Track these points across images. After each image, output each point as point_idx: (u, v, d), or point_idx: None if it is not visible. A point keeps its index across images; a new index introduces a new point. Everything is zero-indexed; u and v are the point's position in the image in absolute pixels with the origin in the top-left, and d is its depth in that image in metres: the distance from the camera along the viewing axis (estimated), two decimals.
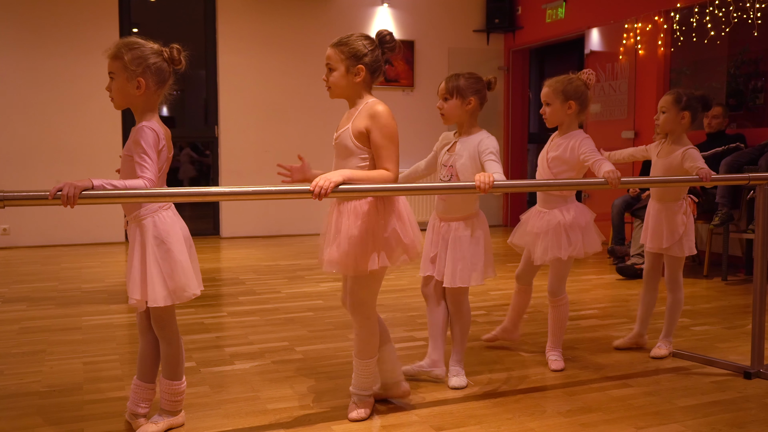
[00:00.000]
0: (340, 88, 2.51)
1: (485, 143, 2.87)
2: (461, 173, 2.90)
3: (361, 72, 2.47)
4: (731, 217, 5.32)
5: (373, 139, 2.44)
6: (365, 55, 2.47)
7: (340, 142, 2.51)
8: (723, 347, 3.56)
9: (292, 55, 7.93)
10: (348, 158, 2.49)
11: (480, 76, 2.96)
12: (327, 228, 2.56)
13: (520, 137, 9.08)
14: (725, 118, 5.73)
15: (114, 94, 2.37)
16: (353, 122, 2.48)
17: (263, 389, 2.90)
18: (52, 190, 2.03)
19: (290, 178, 2.65)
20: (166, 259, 2.34)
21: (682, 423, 2.56)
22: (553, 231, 3.11)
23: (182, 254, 2.36)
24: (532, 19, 8.40)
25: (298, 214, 7.98)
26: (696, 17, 6.22)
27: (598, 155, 3.00)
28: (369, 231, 2.43)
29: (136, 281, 2.33)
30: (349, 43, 2.48)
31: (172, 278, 2.34)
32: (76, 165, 7.10)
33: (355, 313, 2.57)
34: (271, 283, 5.25)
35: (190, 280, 2.38)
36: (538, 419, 2.59)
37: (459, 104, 2.92)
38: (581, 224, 3.12)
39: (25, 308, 4.37)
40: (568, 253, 3.10)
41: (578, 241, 3.10)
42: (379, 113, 2.44)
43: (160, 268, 2.33)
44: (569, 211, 3.12)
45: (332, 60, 2.49)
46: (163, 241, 2.34)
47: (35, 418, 2.59)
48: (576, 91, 3.10)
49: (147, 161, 2.26)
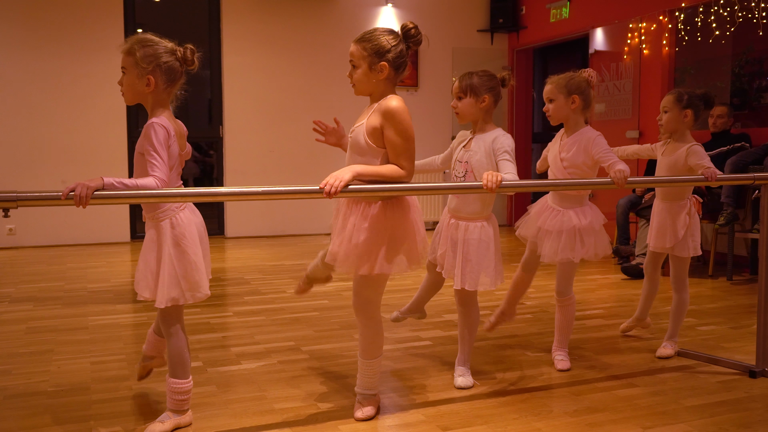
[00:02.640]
0: (363, 85, 2.47)
1: (500, 141, 2.86)
2: (476, 170, 2.89)
3: (384, 69, 2.42)
4: (736, 217, 5.32)
5: (387, 136, 2.39)
6: (388, 51, 2.42)
7: (354, 137, 2.48)
8: (728, 347, 3.56)
9: (297, 56, 7.94)
10: (359, 155, 2.46)
11: (493, 73, 2.94)
12: (335, 218, 2.55)
13: (524, 137, 9.08)
14: (730, 118, 5.72)
15: (125, 88, 2.40)
16: (368, 118, 2.44)
17: (270, 389, 2.91)
18: (65, 191, 2.05)
19: (324, 138, 2.68)
20: (181, 260, 2.35)
21: (689, 423, 2.56)
22: (567, 233, 3.09)
23: (197, 255, 2.38)
24: (536, 18, 8.40)
25: (302, 214, 7.99)
26: (701, 17, 6.21)
27: (613, 156, 2.98)
28: (377, 233, 2.42)
29: (148, 280, 2.36)
30: (372, 39, 2.42)
31: (186, 278, 2.36)
32: (82, 164, 7.12)
33: (359, 313, 2.58)
34: (276, 282, 5.26)
35: (203, 279, 2.40)
36: (545, 419, 2.59)
37: (473, 102, 2.90)
38: (595, 228, 3.11)
39: (32, 308, 4.38)
40: (581, 255, 3.09)
41: (591, 245, 3.09)
42: (393, 110, 2.38)
43: (175, 270, 2.34)
44: (585, 214, 3.11)
45: (355, 57, 2.45)
46: (179, 243, 2.35)
47: (44, 417, 2.60)
48: (579, 86, 3.09)
49: (157, 159, 2.27)
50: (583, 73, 3.12)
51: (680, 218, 3.31)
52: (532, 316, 4.13)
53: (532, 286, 5.10)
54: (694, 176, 3.18)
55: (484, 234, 2.88)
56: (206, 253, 2.48)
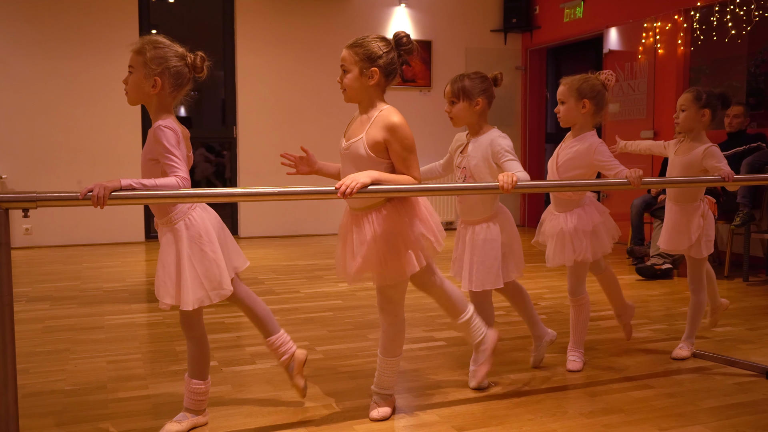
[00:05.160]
0: (354, 91, 2.47)
1: (497, 143, 2.84)
2: (475, 174, 2.88)
3: (374, 75, 2.43)
4: (752, 218, 5.28)
5: (394, 150, 2.43)
6: (380, 57, 2.43)
7: (353, 151, 2.47)
8: (745, 348, 3.54)
9: (310, 56, 7.95)
10: (361, 167, 2.44)
11: (485, 74, 2.92)
12: (344, 239, 2.55)
13: (537, 137, 9.06)
14: (746, 118, 5.68)
15: (129, 87, 2.37)
16: (367, 132, 2.44)
17: (284, 388, 2.91)
18: (83, 191, 2.06)
19: (295, 170, 2.63)
20: (201, 260, 2.35)
21: (706, 425, 2.54)
22: (558, 237, 3.10)
23: (215, 252, 2.38)
24: (550, 18, 8.37)
25: (315, 214, 8.01)
26: (716, 16, 6.18)
27: (618, 165, 2.93)
28: (397, 236, 2.43)
29: (168, 287, 2.34)
30: (364, 44, 2.44)
31: (208, 278, 2.35)
32: (96, 165, 7.18)
33: (383, 312, 2.58)
34: (289, 283, 5.27)
35: (224, 277, 2.39)
36: (560, 420, 2.59)
37: (467, 106, 2.89)
38: (586, 229, 3.06)
39: (48, 307, 4.42)
40: (573, 258, 3.07)
41: (583, 247, 3.05)
42: (396, 126, 2.41)
43: (196, 271, 2.34)
44: (572, 217, 3.08)
45: (346, 61, 2.46)
46: (196, 243, 2.35)
47: (61, 416, 2.62)
48: (592, 90, 3.03)
49: (174, 160, 2.27)
50: (600, 76, 3.08)
51: (694, 221, 3.27)
52: (546, 317, 4.12)
53: (546, 286, 5.10)
54: (710, 177, 3.15)
55: (488, 234, 2.90)
56: (232, 246, 2.48)
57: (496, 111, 7.27)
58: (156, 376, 3.07)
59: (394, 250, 2.43)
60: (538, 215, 9.07)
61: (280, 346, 2.60)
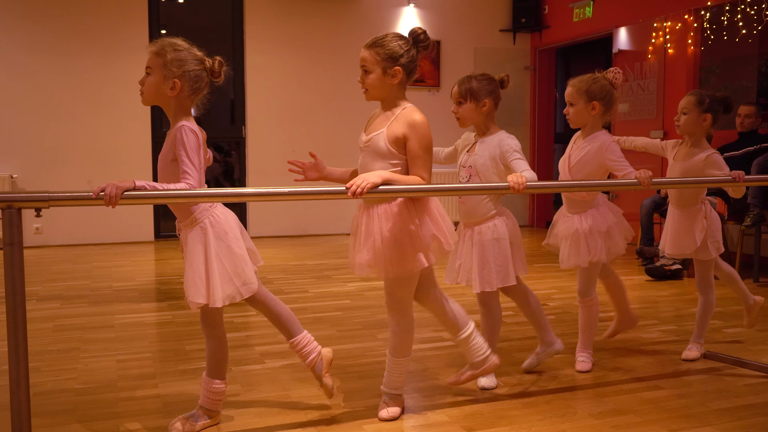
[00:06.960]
0: (377, 90, 2.49)
1: (506, 143, 2.85)
2: (482, 174, 2.89)
3: (398, 74, 2.46)
4: (763, 218, 5.25)
5: (410, 147, 2.45)
6: (401, 56, 2.45)
7: (373, 144, 2.50)
8: (755, 349, 3.52)
9: (319, 56, 7.96)
10: (379, 161, 2.48)
11: (492, 76, 2.93)
12: (356, 231, 2.56)
13: (546, 137, 9.04)
14: (757, 118, 5.65)
15: (146, 88, 2.37)
16: (389, 127, 2.47)
17: (294, 388, 2.92)
18: (96, 190, 2.08)
19: (303, 176, 2.65)
20: (229, 256, 2.36)
21: (716, 426, 2.53)
22: (573, 238, 3.10)
23: (241, 248, 2.40)
24: (559, 18, 8.35)
25: (324, 214, 8.01)
26: (727, 15, 6.15)
27: (628, 166, 2.93)
28: (404, 232, 2.44)
29: (198, 286, 2.33)
30: (385, 44, 2.45)
31: (237, 274, 2.37)
32: (107, 166, 7.21)
33: (392, 311, 2.59)
34: (298, 282, 5.28)
35: (251, 272, 2.42)
36: (569, 421, 2.58)
37: (474, 107, 2.90)
38: (601, 230, 3.07)
39: (59, 306, 4.44)
40: (588, 260, 3.08)
41: (598, 248, 3.06)
42: (418, 123, 2.44)
43: (225, 268, 2.35)
44: (587, 218, 3.08)
45: (368, 62, 2.47)
46: (222, 240, 2.36)
47: (72, 414, 2.64)
48: (601, 90, 3.04)
49: (189, 166, 2.28)
50: (607, 74, 3.08)
51: (698, 224, 3.26)
52: (555, 317, 4.11)
53: (555, 287, 5.09)
54: (721, 177, 3.13)
55: (496, 232, 2.89)
56: (249, 244, 2.49)
57: (505, 111, 7.24)
58: (166, 375, 3.08)
59: (400, 245, 2.43)
60: (546, 216, 9.08)
61: (304, 346, 2.60)
